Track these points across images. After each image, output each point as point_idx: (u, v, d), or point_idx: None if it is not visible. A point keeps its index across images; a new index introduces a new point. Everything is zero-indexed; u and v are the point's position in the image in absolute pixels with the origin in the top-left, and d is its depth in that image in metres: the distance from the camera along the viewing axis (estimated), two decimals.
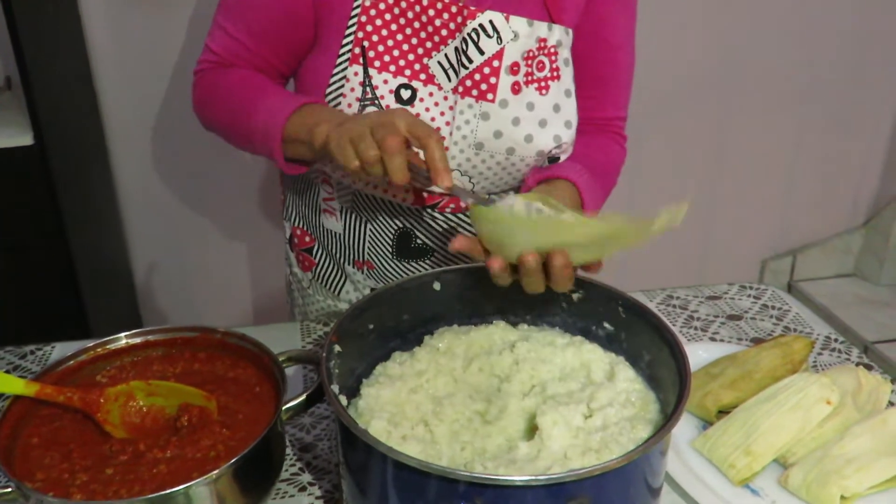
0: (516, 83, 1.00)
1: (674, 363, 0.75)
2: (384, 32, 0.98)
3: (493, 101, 0.99)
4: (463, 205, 1.09)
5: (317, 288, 1.26)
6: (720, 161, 2.56)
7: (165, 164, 2.16)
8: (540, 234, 0.77)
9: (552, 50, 1.01)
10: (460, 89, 1.00)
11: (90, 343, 0.84)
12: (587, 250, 0.78)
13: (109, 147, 2.12)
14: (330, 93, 1.01)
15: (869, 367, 1.07)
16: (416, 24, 0.98)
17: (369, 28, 0.98)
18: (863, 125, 2.63)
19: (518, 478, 0.61)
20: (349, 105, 1.00)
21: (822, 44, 2.44)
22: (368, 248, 1.15)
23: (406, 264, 1.15)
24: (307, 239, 1.23)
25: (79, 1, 1.93)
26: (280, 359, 0.83)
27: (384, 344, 0.87)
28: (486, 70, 0.98)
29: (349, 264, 1.19)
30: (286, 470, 0.89)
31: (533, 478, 0.61)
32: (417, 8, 0.97)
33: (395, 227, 1.12)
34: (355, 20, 0.98)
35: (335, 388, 0.72)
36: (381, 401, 0.80)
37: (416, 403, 0.81)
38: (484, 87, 0.99)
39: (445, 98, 1.00)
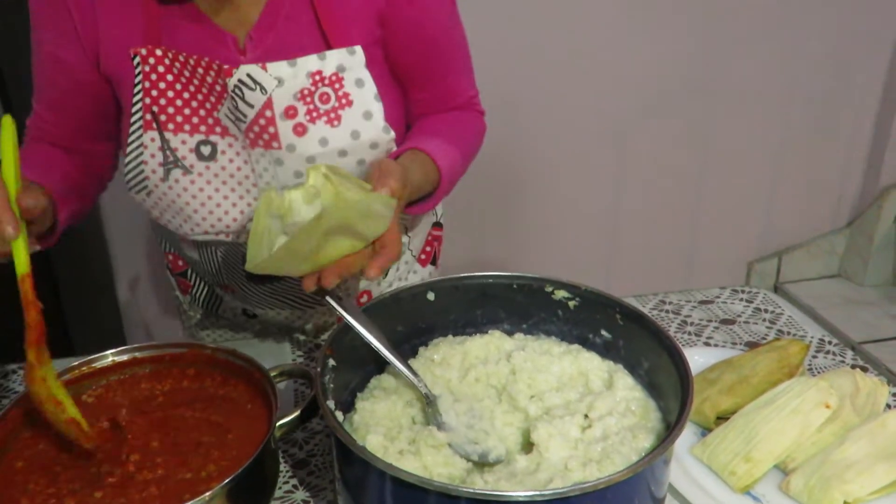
0: (299, 125, 0.96)
1: (674, 370, 0.74)
2: (170, 94, 0.96)
3: (279, 147, 0.96)
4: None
5: (196, 308, 1.25)
6: (704, 164, 2.57)
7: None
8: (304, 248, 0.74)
9: (333, 78, 0.96)
10: (247, 140, 0.97)
11: (75, 362, 0.82)
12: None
13: None
14: (129, 162, 0.99)
15: (864, 369, 1.07)
16: (195, 82, 0.95)
17: (154, 93, 0.96)
18: (845, 127, 2.65)
19: (521, 493, 0.60)
20: (153, 171, 0.98)
21: (804, 46, 2.46)
22: (225, 274, 1.12)
23: (261, 286, 1.13)
24: (180, 263, 1.22)
25: None
26: (272, 374, 0.82)
27: (377, 356, 0.85)
28: (262, 121, 0.95)
29: (217, 286, 1.18)
30: (280, 488, 0.87)
31: (537, 493, 0.60)
32: (190, 67, 0.94)
33: (242, 253, 1.07)
34: (140, 86, 0.96)
35: (331, 403, 0.70)
36: (376, 415, 0.78)
37: (412, 416, 0.80)
38: (266, 136, 0.96)
39: (244, 147, 0.98)
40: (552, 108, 2.35)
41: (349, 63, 0.96)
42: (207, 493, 0.66)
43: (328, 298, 0.78)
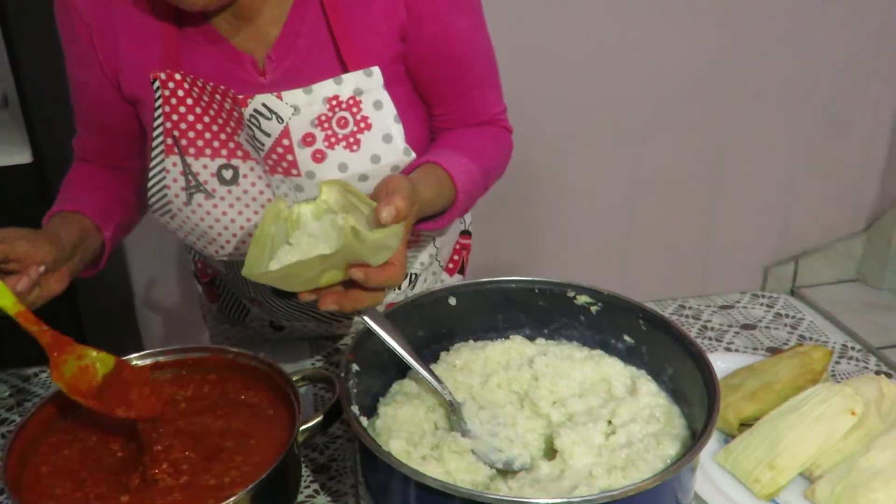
0: (317, 152, 0.94)
1: (700, 376, 0.73)
2: (190, 118, 0.95)
3: (298, 175, 0.95)
4: None
5: (223, 318, 1.25)
6: (721, 167, 2.56)
7: None
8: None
9: (351, 102, 0.94)
10: (267, 167, 0.96)
11: None
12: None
13: None
14: (152, 186, 0.98)
15: (889, 375, 1.05)
16: (215, 107, 0.94)
17: (175, 117, 0.95)
18: (862, 129, 2.63)
19: (549, 500, 0.59)
20: (176, 195, 0.97)
21: (821, 48, 2.44)
22: (252, 288, 1.13)
23: (287, 301, 1.12)
24: (208, 272, 1.22)
25: None
26: (293, 378, 0.82)
27: (399, 361, 0.85)
28: (280, 150, 0.94)
29: (245, 299, 1.18)
30: (301, 492, 0.87)
31: (564, 500, 0.59)
32: (206, 94, 0.93)
33: None
34: (160, 111, 0.95)
35: (355, 409, 0.70)
36: (398, 420, 0.78)
37: (434, 422, 0.79)
38: (284, 164, 0.95)
39: (266, 172, 0.97)
40: (566, 110, 2.35)
41: (367, 85, 0.94)
42: (231, 499, 0.66)
43: None
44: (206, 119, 0.94)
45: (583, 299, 0.87)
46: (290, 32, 0.94)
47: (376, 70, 0.94)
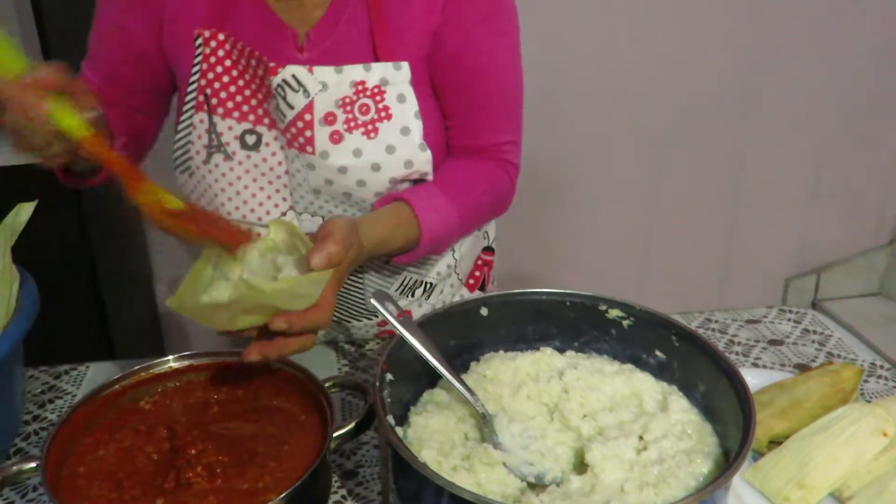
0: (336, 133, 0.96)
1: (734, 395, 0.73)
2: (225, 79, 0.97)
3: (312, 153, 0.97)
4: None
5: None
6: (742, 178, 2.54)
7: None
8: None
9: (375, 90, 0.96)
10: (285, 139, 0.98)
11: (136, 366, 0.83)
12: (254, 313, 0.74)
13: None
14: (178, 140, 1.02)
15: None
16: (251, 71, 0.97)
17: (210, 75, 0.97)
18: (886, 142, 2.61)
19: None
20: (197, 152, 1.00)
21: (843, 59, 2.43)
22: None
23: None
24: None
25: None
26: (326, 384, 0.82)
27: (430, 370, 0.85)
28: (300, 124, 0.96)
29: None
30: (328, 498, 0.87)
31: None
32: (244, 60, 0.96)
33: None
34: (198, 67, 0.98)
35: (390, 419, 0.70)
36: (429, 430, 0.78)
37: (465, 432, 0.80)
38: (301, 140, 0.96)
39: (285, 144, 0.99)
40: (585, 121, 2.34)
41: (394, 78, 0.96)
42: None
43: (386, 314, 0.78)
44: (241, 82, 0.97)
45: (614, 313, 0.87)
46: (332, 15, 0.97)
47: (405, 65, 0.97)
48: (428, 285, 1.16)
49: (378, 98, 0.96)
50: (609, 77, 2.29)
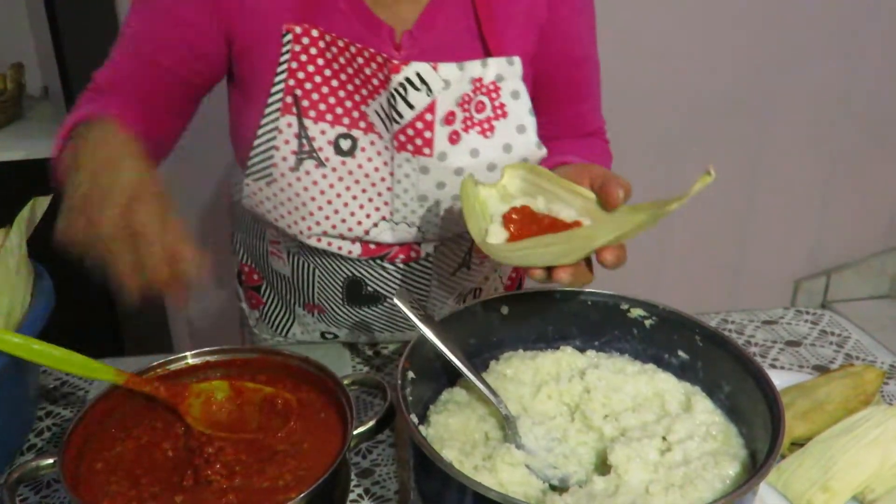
0: (454, 132, 0.91)
1: (761, 397, 0.72)
2: (317, 79, 0.90)
3: (430, 155, 0.91)
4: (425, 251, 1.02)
5: (263, 327, 1.21)
6: (753, 180, 2.53)
7: (196, 175, 2.15)
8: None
9: (491, 87, 0.92)
10: (395, 143, 0.92)
11: (154, 363, 0.82)
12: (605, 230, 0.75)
13: None
14: (258, 145, 0.93)
15: None
16: (350, 70, 0.90)
17: (301, 75, 0.89)
18: None
19: None
20: (283, 158, 0.92)
21: (857, 60, 2.41)
22: (318, 292, 1.08)
23: (358, 310, 1.09)
24: (255, 277, 1.18)
25: (117, 12, 1.93)
26: (344, 382, 0.81)
27: (450, 368, 0.84)
28: (419, 125, 0.90)
29: (299, 306, 1.13)
30: None
31: None
32: (347, 54, 0.89)
33: (345, 276, 1.05)
34: (285, 66, 0.89)
35: (414, 418, 0.69)
36: (450, 429, 0.77)
37: (485, 432, 0.79)
38: (419, 141, 0.91)
39: (386, 148, 0.93)
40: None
41: (508, 73, 0.92)
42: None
43: (409, 314, 0.77)
44: (335, 83, 0.90)
45: (637, 312, 0.86)
46: (432, 10, 0.92)
47: (517, 60, 0.93)
48: (477, 291, 1.15)
49: (494, 95, 0.92)
50: (622, 76, 2.27)
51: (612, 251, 0.74)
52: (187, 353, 0.83)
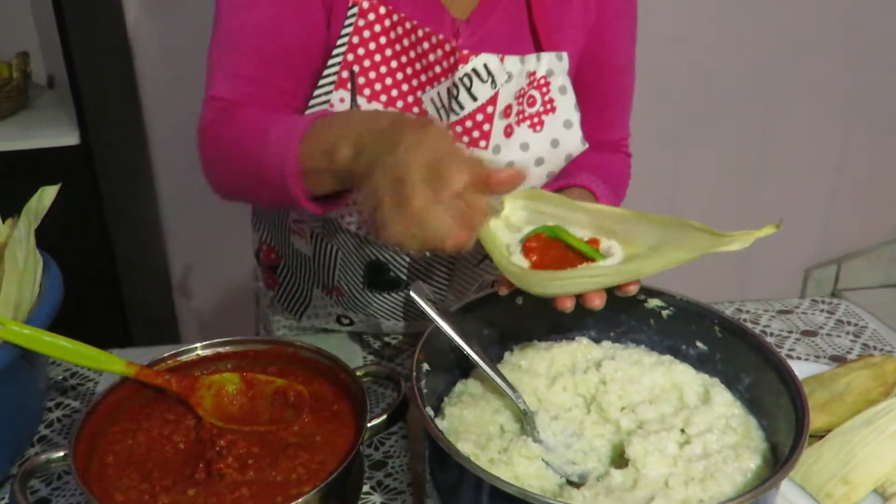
0: (508, 126, 0.92)
1: (784, 389, 0.71)
2: (377, 58, 0.88)
3: (485, 147, 0.91)
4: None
5: (277, 308, 1.20)
6: (763, 168, 2.51)
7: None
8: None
9: (542, 81, 0.92)
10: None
11: (164, 354, 0.81)
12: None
13: (150, 146, 2.10)
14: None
15: None
16: (412, 54, 0.89)
17: (361, 51, 0.88)
18: None
19: None
20: None
21: (869, 48, 2.38)
22: (338, 275, 1.07)
23: (376, 295, 1.08)
24: (273, 256, 1.16)
25: (123, 3, 1.91)
26: (357, 374, 0.80)
27: (464, 360, 0.83)
28: (479, 117, 0.90)
29: (318, 288, 1.12)
30: None
31: None
32: (413, 37, 0.88)
33: (367, 259, 1.04)
34: (346, 40, 0.88)
35: (430, 411, 0.68)
36: (465, 422, 0.76)
37: (500, 424, 0.78)
38: (476, 134, 0.91)
39: None
40: None
41: (557, 68, 0.92)
42: (301, 499, 0.65)
43: (426, 308, 0.76)
44: (394, 64, 0.89)
45: (654, 303, 0.85)
46: (489, 3, 0.92)
47: (566, 56, 0.93)
48: (495, 283, 1.14)
49: (545, 90, 0.93)
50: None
51: (602, 295, 0.72)
52: (197, 345, 0.82)
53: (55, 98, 1.93)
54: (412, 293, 0.76)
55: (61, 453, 0.69)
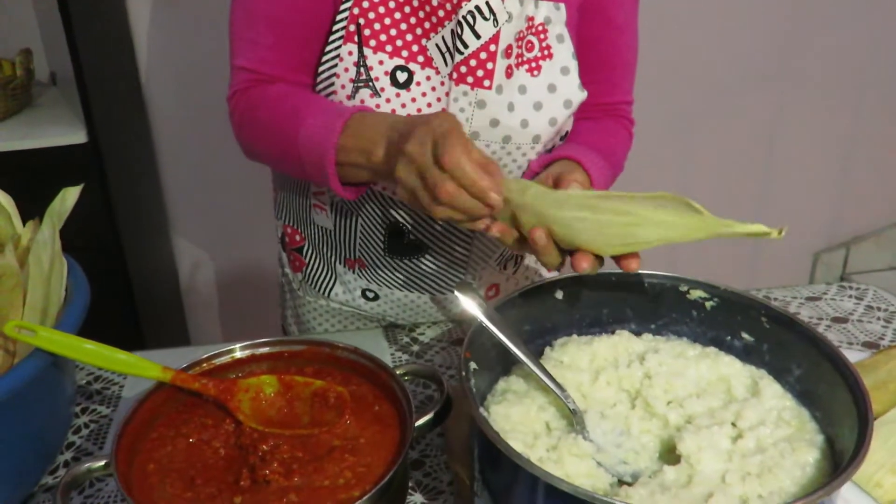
0: (509, 67, 0.94)
1: (841, 380, 0.69)
2: (381, 10, 0.92)
3: (489, 87, 0.93)
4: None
5: (306, 289, 1.21)
6: (772, 151, 2.49)
7: (211, 163, 2.11)
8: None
9: (540, 28, 0.95)
10: (454, 76, 0.93)
11: (200, 356, 0.79)
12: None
13: (156, 145, 2.07)
14: (322, 72, 0.96)
15: None
16: (415, 2, 0.92)
17: (366, 4, 0.91)
18: None
19: None
20: (342, 86, 0.94)
21: (879, 31, 2.37)
22: (360, 244, 1.10)
23: (398, 261, 1.10)
24: (297, 238, 1.18)
25: (126, 2, 1.88)
26: (398, 373, 0.78)
27: (506, 357, 0.81)
28: (483, 55, 0.92)
29: (340, 263, 1.14)
30: None
31: None
32: None
33: (387, 222, 1.06)
34: None
35: (483, 411, 0.67)
36: (511, 420, 0.74)
37: (546, 422, 0.76)
38: (480, 73, 0.93)
39: (442, 83, 0.94)
40: None
41: (554, 17, 0.95)
42: None
43: (472, 307, 0.74)
44: (398, 15, 0.92)
45: (697, 294, 0.83)
46: None
47: (563, 7, 0.96)
48: (518, 258, 1.15)
49: (542, 36, 0.96)
50: (640, 46, 2.24)
51: (590, 258, 0.76)
52: (235, 346, 0.80)
53: (58, 95, 1.89)
54: (457, 293, 0.74)
55: (102, 462, 0.68)
